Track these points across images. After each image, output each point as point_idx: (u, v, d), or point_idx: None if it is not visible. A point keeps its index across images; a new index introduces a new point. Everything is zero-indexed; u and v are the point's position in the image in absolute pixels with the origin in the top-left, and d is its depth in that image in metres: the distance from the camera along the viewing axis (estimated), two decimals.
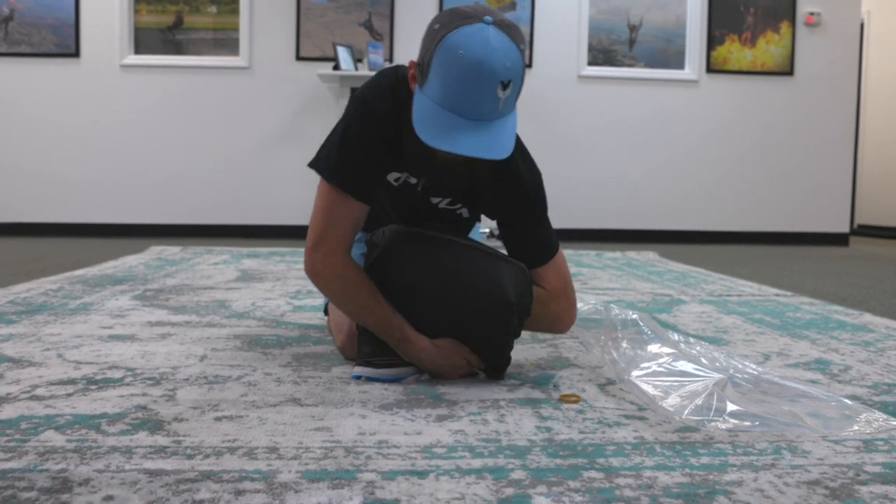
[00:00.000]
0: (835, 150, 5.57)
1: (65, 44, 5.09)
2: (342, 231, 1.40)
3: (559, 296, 1.47)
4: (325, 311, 1.76)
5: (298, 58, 5.18)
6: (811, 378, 1.49)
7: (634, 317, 1.53)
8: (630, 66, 5.44)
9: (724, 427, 1.14)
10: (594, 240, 5.38)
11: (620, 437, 1.11)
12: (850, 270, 3.74)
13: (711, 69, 5.45)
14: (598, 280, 3.03)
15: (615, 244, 5.13)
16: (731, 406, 1.19)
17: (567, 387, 1.39)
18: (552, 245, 1.48)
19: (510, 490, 0.91)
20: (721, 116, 5.49)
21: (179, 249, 4.00)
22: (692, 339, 1.64)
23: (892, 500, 0.90)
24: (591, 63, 5.41)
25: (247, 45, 5.17)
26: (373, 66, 4.86)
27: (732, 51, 5.45)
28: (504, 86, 1.20)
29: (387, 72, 1.42)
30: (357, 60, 4.96)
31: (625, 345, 1.44)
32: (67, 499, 0.87)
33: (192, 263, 3.37)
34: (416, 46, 1.31)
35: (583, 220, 5.43)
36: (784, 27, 5.47)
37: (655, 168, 5.47)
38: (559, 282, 1.47)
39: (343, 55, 4.84)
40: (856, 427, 1.16)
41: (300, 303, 2.32)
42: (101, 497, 0.87)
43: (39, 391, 1.30)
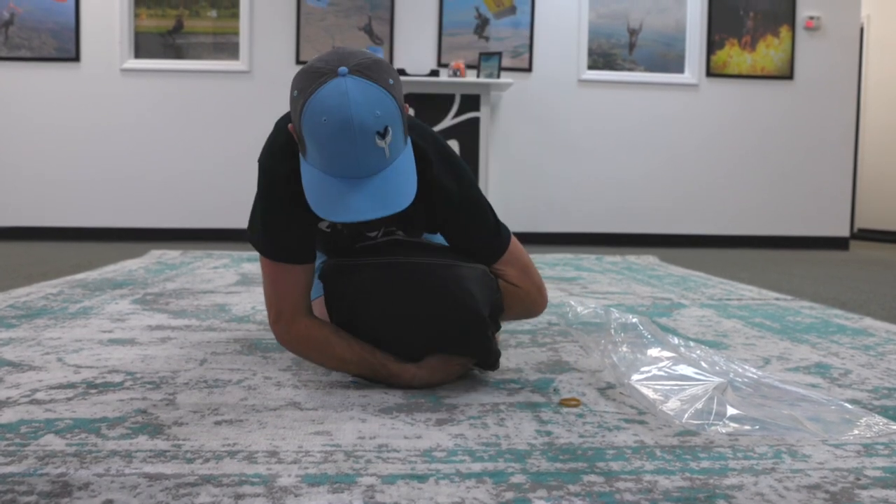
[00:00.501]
0: (835, 154, 5.58)
1: (65, 48, 5.09)
2: (295, 298, 1.39)
3: (523, 284, 1.45)
4: None
5: (299, 62, 5.18)
6: (811, 382, 1.49)
7: (634, 321, 1.53)
8: (630, 70, 5.44)
9: (725, 431, 1.14)
10: (594, 243, 5.38)
11: (620, 441, 1.11)
12: (851, 274, 3.74)
13: (711, 73, 5.46)
14: (598, 284, 3.03)
15: (615, 248, 5.13)
16: (732, 410, 1.20)
17: (567, 391, 1.39)
18: (502, 238, 1.44)
19: (510, 494, 0.91)
20: (721, 120, 5.50)
21: (179, 253, 4.00)
22: (692, 343, 1.64)
23: None
24: (591, 67, 5.42)
25: (247, 50, 5.18)
26: None
27: (732, 55, 5.46)
28: (381, 134, 1.15)
29: (280, 125, 1.36)
30: None
31: (625, 349, 1.44)
32: (67, 503, 0.86)
33: (192, 267, 3.37)
34: (416, 50, 1.29)
35: (583, 224, 5.43)
36: (784, 31, 5.48)
37: (655, 172, 5.48)
38: (519, 271, 1.46)
39: None
40: (856, 431, 1.16)
41: None
42: (101, 501, 0.87)
43: (39, 395, 1.30)
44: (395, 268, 1.33)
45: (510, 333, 1.92)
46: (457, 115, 4.90)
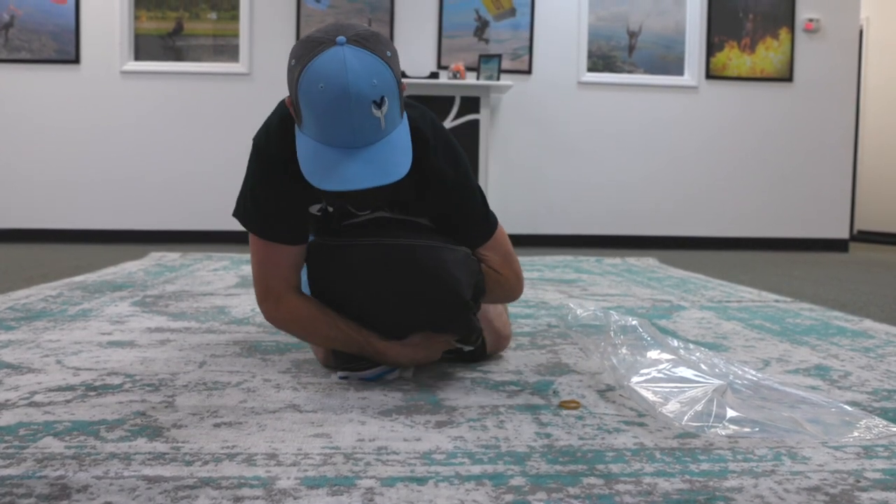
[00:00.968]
0: (834, 156, 5.58)
1: (65, 50, 5.09)
2: (283, 277, 1.40)
3: (503, 270, 1.48)
4: None
5: None
6: (811, 384, 1.49)
7: (634, 323, 1.52)
8: (630, 73, 5.45)
9: (724, 433, 1.14)
10: (594, 246, 5.38)
11: (620, 444, 1.11)
12: (850, 276, 3.74)
13: (711, 75, 5.46)
14: (598, 286, 3.03)
15: (615, 250, 5.13)
16: (731, 412, 1.19)
17: (567, 393, 1.39)
18: (489, 223, 1.47)
19: (509, 497, 0.91)
20: (721, 123, 5.50)
21: (179, 255, 4.00)
22: (692, 345, 1.64)
23: None
24: (591, 69, 5.42)
25: (247, 52, 5.18)
26: None
27: (732, 57, 5.46)
28: (378, 104, 1.15)
29: (273, 118, 1.37)
30: None
31: (624, 351, 1.44)
32: None
33: (192, 269, 3.37)
34: (416, 52, 1.29)
35: (582, 226, 5.43)
36: (783, 33, 5.48)
37: (655, 174, 5.48)
38: (501, 258, 1.48)
39: None
40: (856, 433, 1.16)
41: None
42: None
43: (38, 398, 1.30)
44: (380, 248, 1.33)
45: None
46: (456, 118, 4.90)
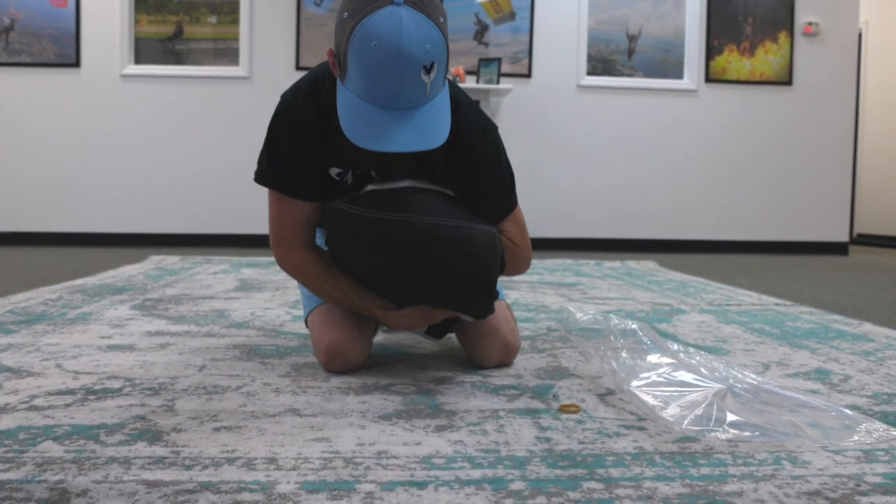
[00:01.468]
0: (834, 160, 5.58)
1: (65, 53, 5.10)
2: (295, 230, 1.43)
3: (520, 242, 1.50)
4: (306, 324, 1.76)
5: (298, 67, 5.19)
6: (811, 388, 1.49)
7: (634, 326, 1.52)
8: (629, 76, 5.45)
9: (724, 437, 1.14)
10: (593, 249, 5.38)
11: (620, 448, 1.11)
12: (850, 280, 3.74)
13: (710, 79, 5.47)
14: (598, 290, 3.03)
15: (614, 253, 5.13)
16: (731, 416, 1.19)
17: (566, 397, 1.39)
18: (514, 197, 1.48)
19: (509, 501, 0.91)
20: (720, 126, 5.51)
21: (179, 259, 4.00)
22: (692, 349, 1.64)
23: None
24: (591, 73, 5.43)
25: (247, 55, 5.19)
26: None
27: (731, 60, 5.47)
28: (427, 69, 1.14)
29: (307, 76, 1.40)
30: None
31: (624, 355, 1.44)
32: None
33: (192, 273, 3.37)
34: None
35: (582, 230, 5.43)
36: (782, 37, 5.49)
37: (654, 177, 5.48)
38: (519, 230, 1.50)
39: None
40: (856, 437, 1.16)
41: (299, 312, 2.32)
42: None
43: (38, 401, 1.30)
44: (407, 227, 1.30)
45: None
46: None
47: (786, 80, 5.51)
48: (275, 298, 2.61)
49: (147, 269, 3.48)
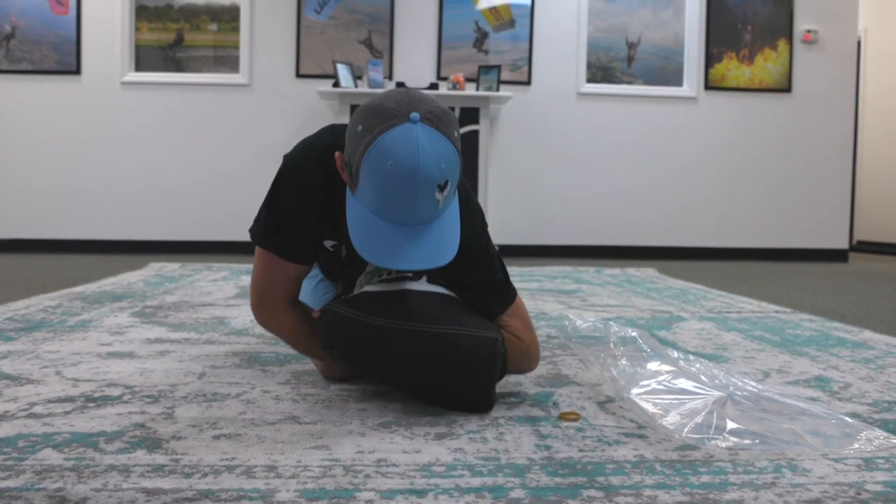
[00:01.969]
0: (833, 167, 5.59)
1: (66, 61, 5.11)
2: (281, 289, 1.41)
3: (526, 337, 1.42)
4: None
5: (298, 75, 5.20)
6: (811, 395, 1.49)
7: (634, 334, 1.52)
8: (629, 84, 5.46)
9: (725, 445, 1.14)
10: (593, 256, 5.38)
11: (620, 456, 1.10)
12: (850, 287, 3.74)
13: (710, 86, 5.48)
14: (598, 297, 3.03)
15: (614, 260, 5.13)
16: (731, 424, 1.19)
17: (566, 404, 1.39)
18: (510, 291, 1.42)
19: None
20: (719, 133, 5.51)
21: (179, 266, 4.00)
22: (692, 357, 1.64)
23: None
24: (590, 80, 5.44)
25: (247, 63, 5.20)
26: (372, 84, 4.89)
27: (730, 68, 5.48)
28: (442, 188, 1.13)
29: (316, 142, 1.36)
30: (357, 78, 4.99)
31: (624, 362, 1.44)
32: None
33: (192, 280, 3.37)
34: (416, 63, 1.29)
35: (582, 237, 5.43)
36: (781, 45, 5.50)
37: (654, 185, 5.49)
38: (524, 325, 1.42)
39: (343, 73, 4.86)
40: (856, 445, 1.16)
41: None
42: None
43: (37, 409, 1.30)
44: (405, 336, 1.27)
45: None
46: None
47: (785, 88, 5.52)
48: None
49: (147, 277, 3.48)
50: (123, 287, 3.06)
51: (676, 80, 5.50)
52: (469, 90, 5.01)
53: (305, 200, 1.34)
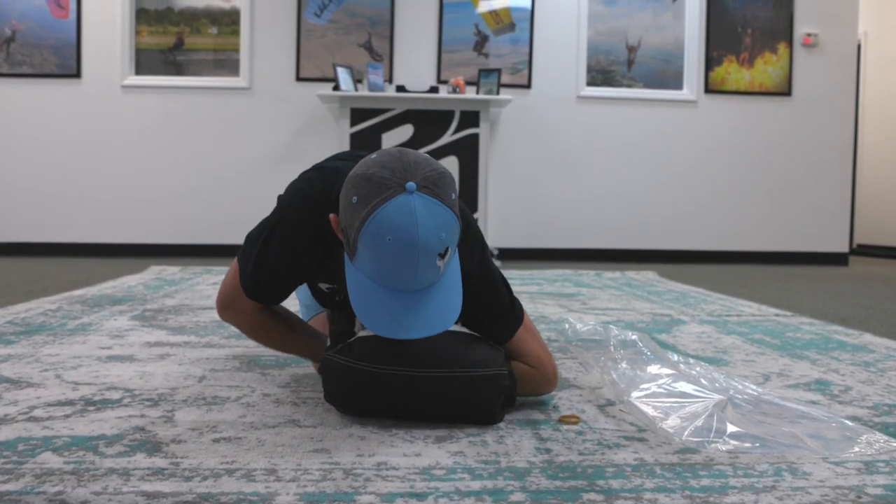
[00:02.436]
0: (833, 170, 5.59)
1: (66, 64, 5.11)
2: (249, 304, 1.40)
3: (539, 367, 1.36)
4: None
5: (298, 78, 5.21)
6: (811, 399, 1.49)
7: (634, 337, 1.52)
8: (629, 87, 5.47)
9: (725, 448, 1.14)
10: (593, 259, 5.38)
11: (620, 459, 1.10)
12: (850, 290, 3.74)
13: (710, 90, 5.48)
14: (598, 300, 3.03)
15: (614, 264, 5.13)
16: (732, 427, 1.19)
17: (566, 408, 1.38)
18: (517, 313, 1.36)
19: None
20: (719, 137, 5.52)
21: (179, 269, 4.00)
22: (692, 360, 1.64)
23: None
24: (590, 84, 5.44)
25: (247, 66, 5.20)
26: (372, 87, 4.89)
27: (730, 71, 5.49)
28: (442, 255, 1.11)
29: (308, 191, 1.31)
30: (357, 81, 4.99)
31: (624, 365, 1.44)
32: None
33: (192, 283, 3.37)
34: (416, 67, 1.27)
35: (582, 240, 5.43)
36: (781, 48, 5.51)
37: (654, 188, 5.49)
38: (534, 348, 1.37)
39: (343, 76, 4.87)
40: (857, 448, 1.16)
41: None
42: None
43: (37, 412, 1.30)
44: (405, 382, 1.24)
45: None
46: (456, 132, 4.92)
47: (785, 91, 5.52)
48: None
49: (147, 280, 3.48)
50: (123, 290, 3.06)
51: (676, 84, 5.51)
52: (469, 93, 5.01)
53: (296, 258, 1.31)
